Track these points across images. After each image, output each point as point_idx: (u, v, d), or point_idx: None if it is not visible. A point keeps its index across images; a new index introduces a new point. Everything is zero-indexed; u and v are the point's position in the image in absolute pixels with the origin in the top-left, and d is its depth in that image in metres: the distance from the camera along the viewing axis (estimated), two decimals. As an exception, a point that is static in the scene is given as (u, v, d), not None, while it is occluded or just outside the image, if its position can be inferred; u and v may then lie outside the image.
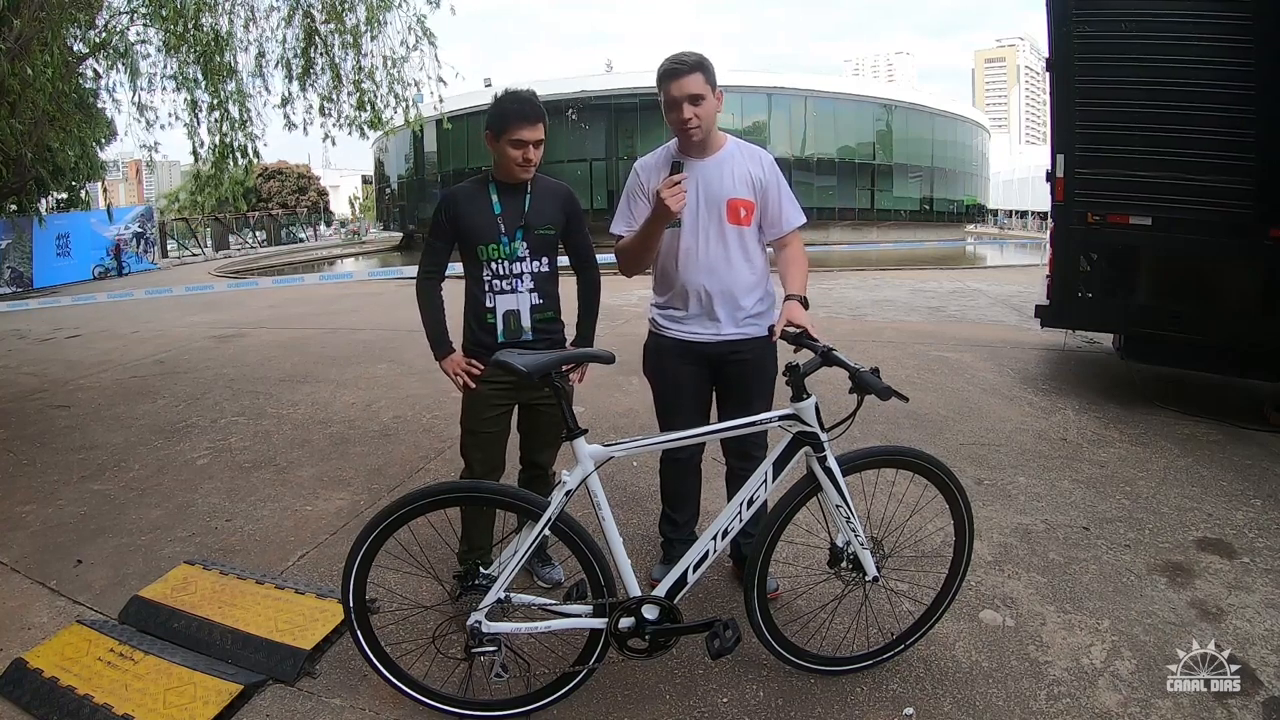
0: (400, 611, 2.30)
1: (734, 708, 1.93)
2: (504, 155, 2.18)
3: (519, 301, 2.26)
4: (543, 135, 2.18)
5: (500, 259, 2.24)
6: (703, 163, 2.21)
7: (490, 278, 2.25)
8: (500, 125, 2.14)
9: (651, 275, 2.38)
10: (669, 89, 2.12)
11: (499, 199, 2.24)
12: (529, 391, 2.27)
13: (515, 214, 2.24)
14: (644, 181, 2.28)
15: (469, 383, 2.27)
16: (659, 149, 2.33)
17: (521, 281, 2.26)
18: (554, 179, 2.37)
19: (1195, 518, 2.92)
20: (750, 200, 2.22)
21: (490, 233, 2.23)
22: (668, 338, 2.33)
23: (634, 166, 2.33)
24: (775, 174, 2.26)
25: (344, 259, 25.93)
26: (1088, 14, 4.15)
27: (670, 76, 2.11)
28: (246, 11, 5.85)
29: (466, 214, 2.24)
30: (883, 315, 7.95)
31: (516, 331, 2.27)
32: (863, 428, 3.68)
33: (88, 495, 3.44)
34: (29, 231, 15.07)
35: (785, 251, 2.26)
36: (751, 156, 2.26)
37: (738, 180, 2.21)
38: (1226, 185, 3.84)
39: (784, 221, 2.25)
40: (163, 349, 7.03)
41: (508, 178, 2.24)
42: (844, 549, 1.97)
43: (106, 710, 1.91)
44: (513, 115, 2.13)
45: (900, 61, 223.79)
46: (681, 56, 2.12)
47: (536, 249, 2.27)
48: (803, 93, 27.30)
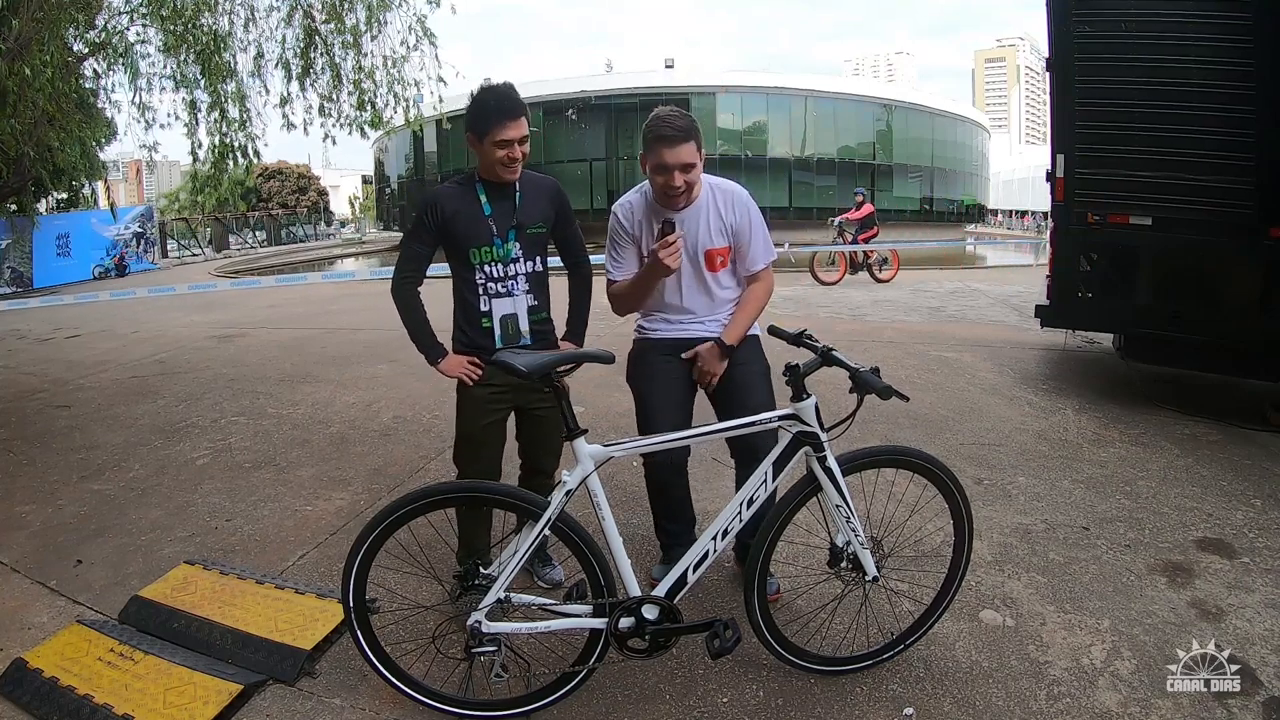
0: (400, 611, 2.30)
1: (734, 708, 1.93)
2: (490, 157, 2.10)
3: (516, 305, 2.22)
4: (526, 130, 2.10)
5: (494, 261, 2.19)
6: (682, 214, 2.23)
7: (484, 281, 2.20)
8: (483, 126, 2.06)
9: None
10: (661, 154, 2.10)
11: (488, 200, 2.18)
12: (527, 394, 2.24)
13: (506, 214, 2.19)
14: (626, 227, 2.30)
15: (468, 381, 2.22)
16: (634, 192, 2.33)
17: (517, 284, 2.22)
18: (540, 174, 2.31)
19: (1195, 518, 2.92)
20: (726, 248, 2.30)
21: (482, 235, 2.17)
22: (652, 339, 2.40)
23: (613, 210, 2.34)
24: (748, 216, 2.29)
25: (344, 259, 25.94)
26: (1088, 14, 4.15)
27: (662, 143, 2.08)
28: (246, 11, 5.85)
29: (456, 217, 2.16)
30: (883, 315, 7.94)
31: (515, 336, 2.23)
32: (863, 428, 3.68)
33: (88, 495, 3.44)
34: (29, 231, 15.07)
35: (749, 286, 2.37)
36: (725, 201, 2.28)
37: (713, 231, 2.27)
38: (1226, 185, 3.84)
39: (753, 261, 2.34)
40: (163, 349, 7.03)
41: (495, 178, 2.17)
42: (844, 549, 1.97)
43: (106, 710, 1.91)
44: (494, 113, 2.04)
45: (900, 61, 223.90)
46: (672, 120, 2.09)
47: (530, 249, 2.23)
48: (803, 93, 27.33)
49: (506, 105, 2.06)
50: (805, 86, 27.67)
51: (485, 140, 2.08)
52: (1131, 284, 4.39)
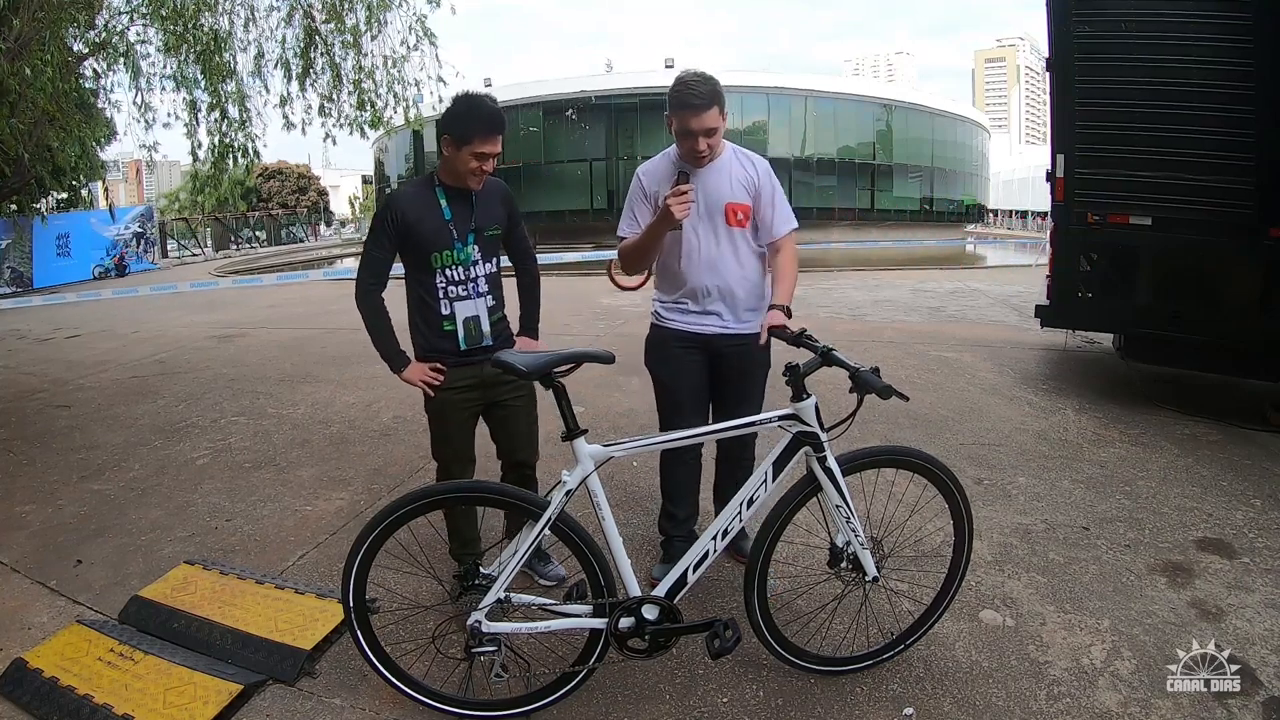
0: (400, 611, 2.30)
1: (734, 708, 1.93)
2: (461, 164, 2.11)
3: (477, 307, 2.24)
4: (500, 147, 2.14)
5: (455, 265, 2.20)
6: (704, 170, 2.28)
7: (445, 284, 2.20)
8: (463, 135, 2.08)
9: (645, 277, 2.43)
10: (685, 120, 2.15)
11: (447, 203, 2.19)
12: (494, 389, 2.27)
13: (465, 218, 2.20)
14: (646, 187, 2.35)
15: (429, 391, 2.23)
16: (660, 156, 2.39)
17: (478, 286, 2.23)
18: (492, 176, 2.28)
19: (1195, 518, 2.92)
20: (746, 204, 2.31)
21: (443, 239, 2.17)
22: (670, 329, 2.40)
23: (636, 172, 2.40)
24: (770, 179, 2.34)
25: (344, 259, 25.93)
26: (1088, 14, 4.15)
27: (686, 108, 2.14)
28: (246, 11, 5.85)
29: (416, 220, 2.15)
30: (883, 315, 7.94)
31: (478, 338, 2.24)
32: (862, 428, 3.67)
33: (88, 495, 3.44)
34: (29, 231, 15.07)
35: (778, 257, 2.34)
36: (748, 162, 2.35)
37: (735, 185, 2.30)
38: (1226, 185, 3.84)
39: (776, 226, 2.34)
40: (163, 349, 7.03)
41: (458, 183, 2.18)
42: (844, 549, 1.97)
43: (106, 710, 1.91)
44: (478, 128, 2.07)
45: (900, 61, 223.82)
46: (697, 87, 2.12)
47: (487, 251, 2.26)
48: (803, 93, 27.30)
49: (493, 122, 2.10)
50: (805, 86, 27.64)
51: (463, 148, 2.09)
52: (1131, 284, 4.39)
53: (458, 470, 2.34)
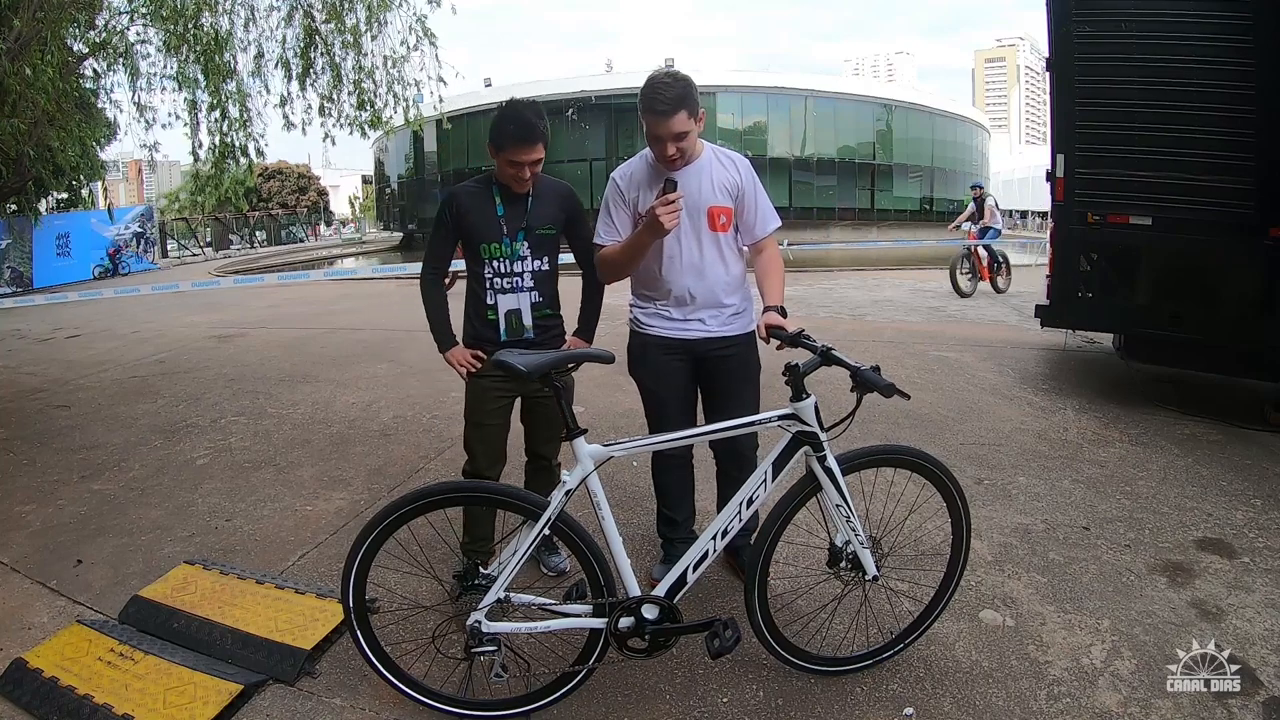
0: (400, 611, 2.30)
1: (734, 708, 1.93)
2: (502, 171, 2.23)
3: (520, 301, 2.31)
4: (541, 154, 2.18)
5: (502, 258, 2.28)
6: (680, 172, 2.21)
7: (492, 276, 2.29)
8: (499, 143, 2.17)
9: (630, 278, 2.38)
10: (653, 127, 2.10)
11: (502, 201, 2.28)
12: (529, 383, 2.28)
13: (518, 216, 2.28)
14: (624, 191, 2.27)
15: (470, 371, 2.32)
16: (636, 158, 2.32)
17: (522, 280, 2.30)
18: (555, 178, 2.39)
19: (1195, 518, 2.92)
20: (729, 207, 2.26)
21: (493, 233, 2.27)
22: (651, 335, 2.35)
23: (612, 176, 2.32)
24: (752, 179, 2.29)
25: (344, 258, 25.93)
26: (1088, 14, 4.15)
27: (653, 114, 2.08)
28: (246, 11, 5.86)
29: (470, 214, 2.27)
30: (883, 315, 7.94)
31: (519, 330, 2.32)
32: (862, 428, 3.68)
33: (88, 495, 3.44)
34: (29, 231, 15.07)
35: (761, 257, 2.31)
36: (728, 162, 2.28)
37: (716, 188, 2.24)
38: (1226, 185, 3.84)
39: (759, 226, 2.30)
40: (163, 349, 7.03)
41: (507, 185, 2.28)
42: (843, 548, 1.97)
43: (106, 710, 1.91)
44: (510, 138, 2.14)
45: (900, 61, 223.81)
46: (663, 90, 2.05)
47: (537, 248, 2.31)
48: (803, 93, 27.30)
49: (525, 134, 2.13)
50: (805, 86, 27.64)
51: (499, 155, 2.19)
52: (1131, 284, 4.39)
53: (485, 465, 2.38)
